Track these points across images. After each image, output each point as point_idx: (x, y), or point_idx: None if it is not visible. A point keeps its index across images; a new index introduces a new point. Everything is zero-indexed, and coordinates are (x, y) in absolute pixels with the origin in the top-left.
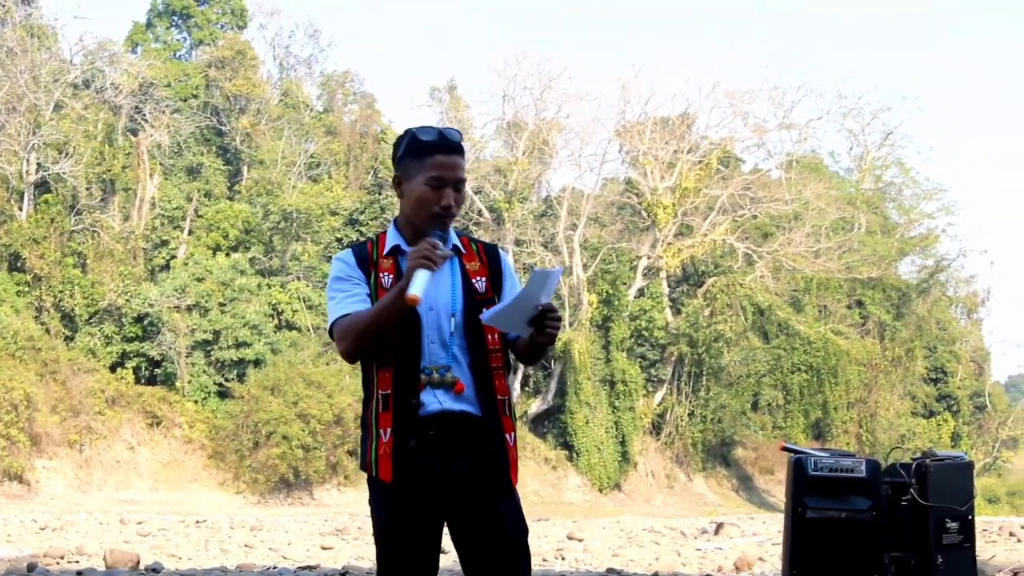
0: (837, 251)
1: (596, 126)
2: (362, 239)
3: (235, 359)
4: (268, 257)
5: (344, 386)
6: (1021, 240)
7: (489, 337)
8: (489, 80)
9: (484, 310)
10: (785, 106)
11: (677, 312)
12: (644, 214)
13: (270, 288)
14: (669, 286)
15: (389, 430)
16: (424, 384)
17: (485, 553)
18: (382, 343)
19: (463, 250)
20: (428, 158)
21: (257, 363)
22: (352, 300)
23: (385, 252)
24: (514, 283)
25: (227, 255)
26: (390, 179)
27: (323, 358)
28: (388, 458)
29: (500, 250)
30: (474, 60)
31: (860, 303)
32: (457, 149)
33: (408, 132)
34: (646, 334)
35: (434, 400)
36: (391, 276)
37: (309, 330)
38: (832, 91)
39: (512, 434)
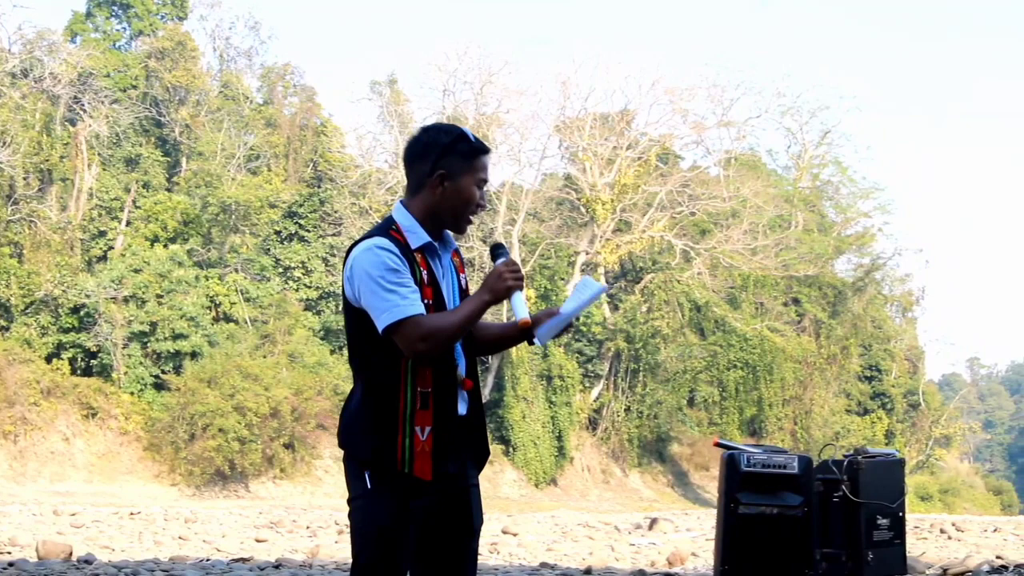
0: (774, 249)
1: (536, 121)
2: (302, 231)
3: (172, 351)
4: (206, 249)
5: (281, 379)
6: (956, 239)
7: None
8: (429, 74)
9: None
10: (724, 104)
11: (615, 308)
12: (583, 210)
13: (208, 280)
14: (607, 282)
15: (428, 428)
16: (457, 385)
17: (452, 547)
18: None
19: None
20: (475, 160)
21: (194, 355)
22: (414, 296)
23: (416, 246)
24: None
25: (165, 246)
26: (329, 172)
27: (260, 351)
28: (427, 456)
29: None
30: (415, 54)
31: (796, 301)
32: (490, 153)
33: (449, 129)
34: (583, 329)
35: (460, 401)
36: (427, 272)
37: (247, 322)
38: (771, 89)
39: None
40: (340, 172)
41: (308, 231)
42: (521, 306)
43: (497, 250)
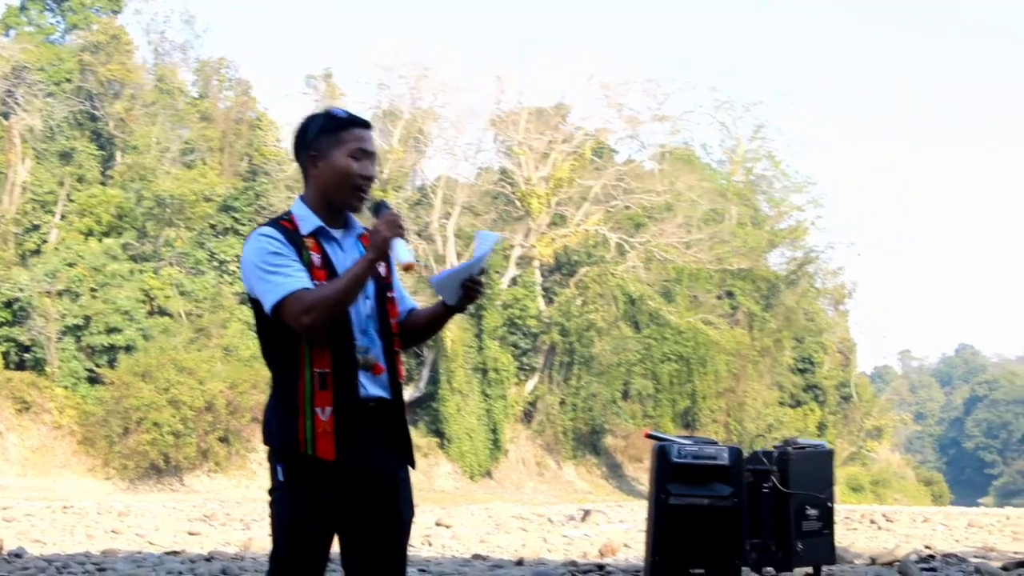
0: (708, 242)
1: (471, 116)
2: (238, 225)
3: (106, 345)
4: (141, 243)
5: (215, 373)
6: (887, 233)
7: (393, 321)
8: (365, 69)
9: (429, 279)
10: (659, 98)
11: (550, 301)
12: (518, 204)
13: (142, 274)
14: (542, 275)
15: (329, 409)
16: (359, 366)
17: (378, 539)
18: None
19: (363, 233)
20: (344, 132)
21: (128, 349)
22: (299, 274)
23: (307, 232)
24: (394, 266)
25: (99, 240)
26: (264, 165)
27: (195, 344)
28: (329, 436)
29: None
30: (350, 49)
31: (730, 294)
32: (369, 126)
33: (319, 113)
34: (519, 323)
35: (361, 383)
36: (319, 256)
37: (181, 316)
38: (705, 84)
39: (409, 416)
40: (275, 166)
41: (243, 225)
42: (403, 252)
43: (378, 207)
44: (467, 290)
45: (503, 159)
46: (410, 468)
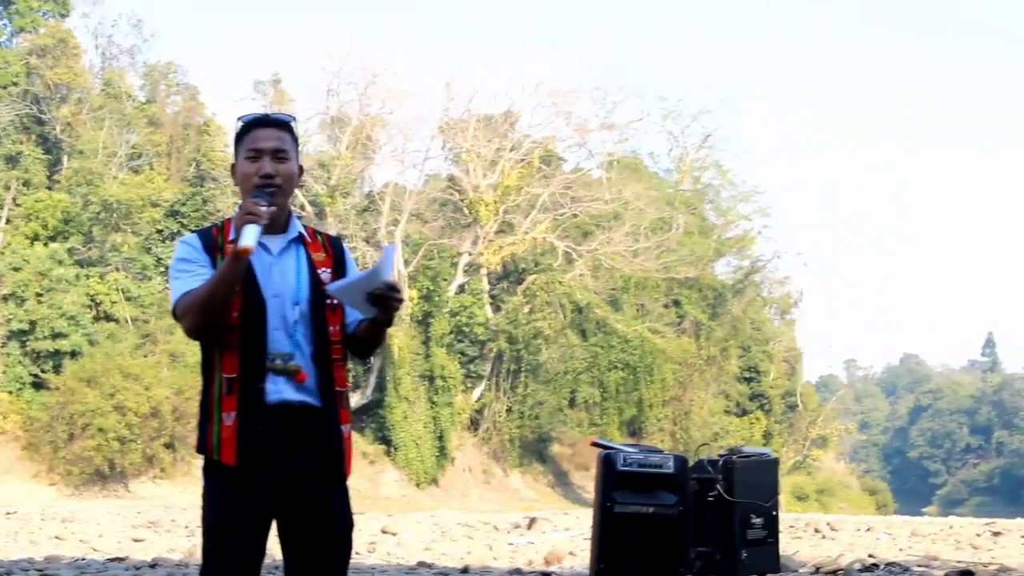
0: (655, 251)
1: (420, 123)
2: (184, 230)
3: (51, 350)
4: (87, 247)
5: (162, 379)
6: (833, 243)
7: (332, 328)
8: (313, 74)
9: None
10: (607, 106)
11: (497, 309)
12: (466, 211)
13: (89, 279)
14: (490, 283)
15: (233, 414)
16: (267, 371)
17: (310, 547)
18: (222, 316)
19: (309, 240)
20: (246, 136)
21: (74, 354)
22: (195, 279)
23: (231, 238)
24: (351, 273)
25: (45, 245)
26: (212, 171)
27: (141, 350)
28: (232, 442)
29: (344, 242)
30: (299, 55)
31: (677, 302)
32: (275, 124)
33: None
34: (466, 330)
35: (276, 389)
36: None
37: (127, 322)
38: (653, 92)
39: (348, 426)
40: (223, 171)
41: (190, 230)
42: (245, 236)
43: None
44: (378, 302)
45: (451, 166)
46: (346, 479)
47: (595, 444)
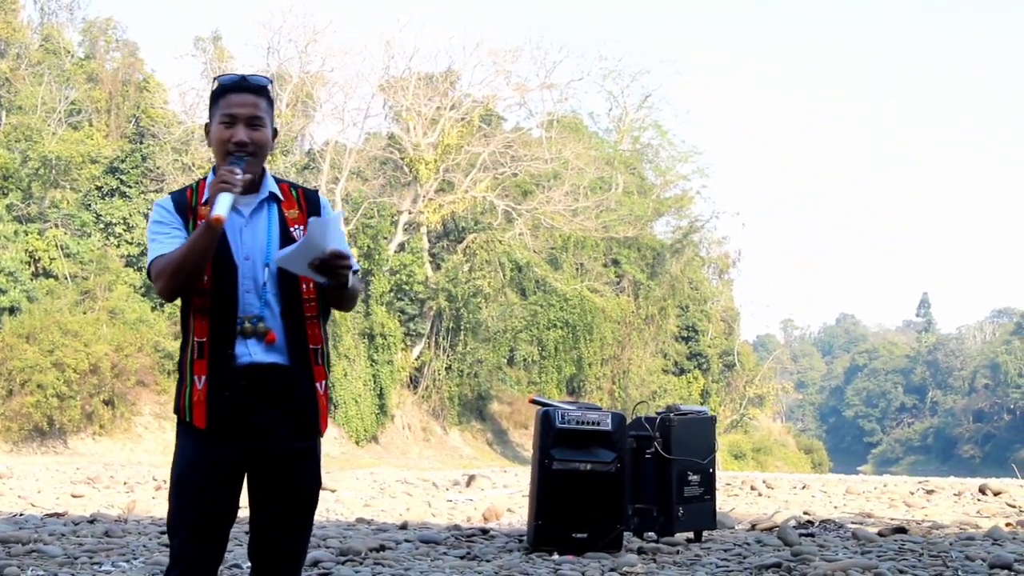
0: (595, 210)
1: (360, 81)
2: (124, 187)
3: None
4: (26, 204)
5: (101, 336)
6: (771, 203)
7: (304, 286)
8: (254, 31)
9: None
10: (547, 66)
11: (437, 267)
12: (406, 169)
13: (27, 235)
14: (429, 241)
15: (204, 378)
16: (238, 334)
17: (275, 503)
18: (195, 281)
19: (281, 197)
20: (222, 99)
21: (12, 311)
22: (169, 241)
23: (204, 199)
24: (334, 236)
25: None
26: (151, 128)
27: (80, 307)
28: (202, 405)
29: (321, 195)
30: (239, 11)
31: (616, 262)
32: (251, 89)
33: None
34: (406, 288)
35: (246, 352)
36: None
37: (67, 278)
38: (593, 52)
39: (323, 382)
40: (163, 128)
41: (130, 187)
42: (219, 206)
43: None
44: (323, 270)
45: (392, 125)
46: (319, 434)
47: (533, 401)
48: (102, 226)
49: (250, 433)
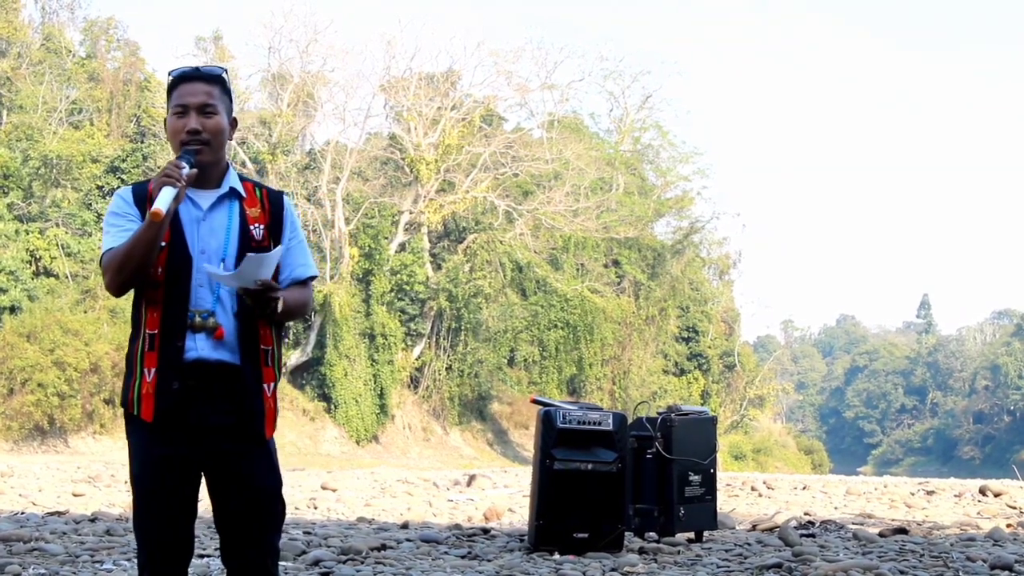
0: (595, 211)
1: (361, 80)
2: (125, 186)
3: None
4: (27, 203)
5: (102, 334)
6: (772, 204)
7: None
8: (255, 31)
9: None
10: (548, 66)
11: (437, 267)
12: (407, 169)
13: (28, 234)
14: (430, 241)
15: (153, 370)
16: (187, 328)
17: (236, 504)
18: (143, 276)
19: (244, 194)
20: (175, 91)
21: (13, 310)
22: (122, 234)
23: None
24: (295, 231)
25: None
26: (152, 127)
27: (81, 306)
28: (150, 398)
29: (285, 197)
30: (240, 10)
31: (616, 262)
32: (202, 78)
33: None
34: (406, 288)
35: (193, 346)
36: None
37: (67, 277)
38: (594, 53)
39: (272, 384)
40: (163, 128)
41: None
42: (160, 199)
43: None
44: (249, 297)
45: (392, 125)
46: (265, 440)
47: (535, 401)
48: (103, 226)
49: (197, 430)
